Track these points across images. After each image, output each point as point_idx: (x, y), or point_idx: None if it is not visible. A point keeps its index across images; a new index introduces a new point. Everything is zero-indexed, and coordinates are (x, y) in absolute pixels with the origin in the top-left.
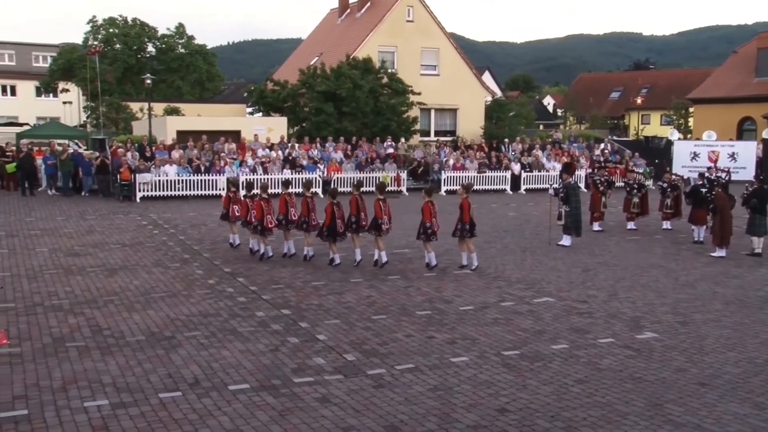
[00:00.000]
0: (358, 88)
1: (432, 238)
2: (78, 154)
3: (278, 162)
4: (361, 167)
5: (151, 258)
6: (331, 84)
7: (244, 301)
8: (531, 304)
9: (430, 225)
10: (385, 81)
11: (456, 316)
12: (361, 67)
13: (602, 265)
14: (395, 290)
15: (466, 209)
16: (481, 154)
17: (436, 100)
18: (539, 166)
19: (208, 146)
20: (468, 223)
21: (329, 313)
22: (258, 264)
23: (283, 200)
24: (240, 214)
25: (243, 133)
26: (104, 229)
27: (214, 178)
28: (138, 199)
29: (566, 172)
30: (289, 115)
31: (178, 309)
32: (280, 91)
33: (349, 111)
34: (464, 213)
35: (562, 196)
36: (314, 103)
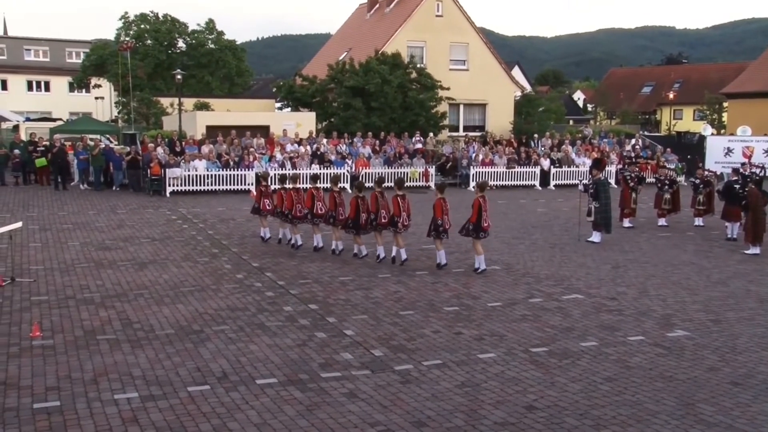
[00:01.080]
0: (386, 83)
1: (443, 236)
2: (109, 149)
3: (306, 157)
4: (389, 162)
5: (180, 252)
6: (359, 79)
7: (272, 296)
8: (560, 301)
9: (442, 222)
10: (414, 76)
11: (484, 313)
12: (389, 62)
13: (632, 262)
14: (423, 286)
15: (475, 209)
16: (510, 150)
17: (465, 95)
18: (569, 161)
19: (237, 141)
20: (474, 223)
21: (357, 309)
22: (286, 259)
23: (310, 194)
24: (271, 207)
25: (272, 128)
26: (134, 223)
27: (243, 173)
28: (168, 194)
29: (596, 167)
30: (318, 110)
31: (206, 303)
32: (309, 87)
33: (378, 106)
34: (473, 213)
35: (592, 192)
36: (343, 98)
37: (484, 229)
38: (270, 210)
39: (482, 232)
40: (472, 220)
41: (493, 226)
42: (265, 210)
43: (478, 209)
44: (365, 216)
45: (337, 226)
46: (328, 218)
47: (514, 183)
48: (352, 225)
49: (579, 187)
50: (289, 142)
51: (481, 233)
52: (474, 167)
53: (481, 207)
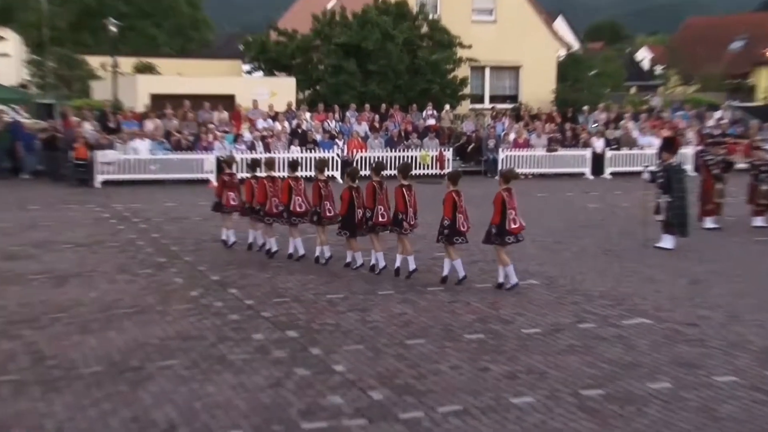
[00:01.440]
0: (389, 39)
1: (457, 241)
2: (17, 124)
3: (284, 137)
4: (392, 144)
5: (115, 262)
6: (353, 34)
7: (237, 320)
8: (619, 327)
9: (452, 223)
10: (425, 31)
11: (517, 342)
12: (393, 12)
13: (717, 275)
14: (437, 306)
15: (497, 207)
16: (552, 127)
17: (492, 56)
18: (630, 141)
19: (192, 115)
20: (497, 225)
21: (349, 336)
22: (256, 270)
23: (287, 186)
24: (237, 203)
25: (238, 99)
26: (52, 223)
27: (199, 158)
28: (98, 184)
29: (667, 150)
30: (299, 75)
31: (149, 330)
32: (287, 44)
33: (378, 70)
34: (494, 212)
35: (662, 182)
36: (332, 59)
37: (512, 232)
38: (236, 206)
39: (509, 236)
40: (494, 221)
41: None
42: (230, 206)
43: (501, 207)
44: (361, 213)
45: (323, 227)
46: (311, 217)
47: (556, 170)
48: (344, 225)
49: (644, 176)
50: (260, 117)
51: (508, 237)
52: (503, 150)
53: (505, 204)
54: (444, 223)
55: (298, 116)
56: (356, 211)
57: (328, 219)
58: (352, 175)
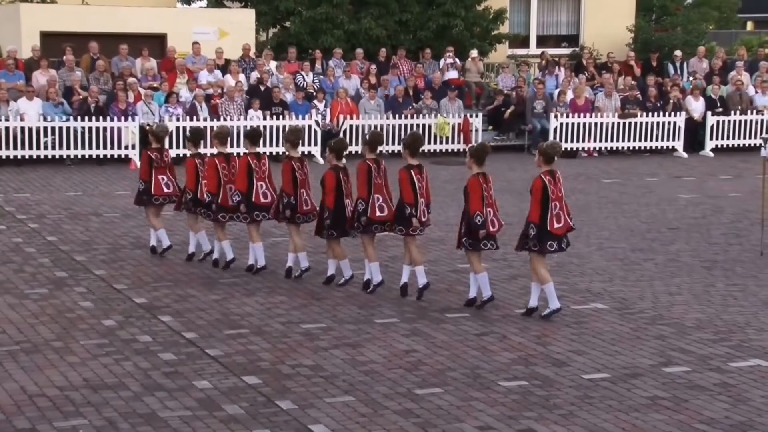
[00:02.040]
0: None
1: (485, 246)
2: None
3: (238, 96)
4: (396, 107)
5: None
6: None
7: (172, 360)
8: (725, 372)
9: (483, 219)
10: None
11: (576, 393)
12: None
13: None
14: (460, 340)
15: (535, 198)
16: (629, 81)
17: None
18: (743, 102)
19: (104, 64)
20: (536, 224)
21: (334, 384)
22: (200, 289)
23: (243, 167)
24: (172, 189)
25: (171, 41)
26: None
27: (114, 126)
28: None
29: None
30: (261, 5)
31: (43, 376)
32: None
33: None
34: (531, 205)
35: None
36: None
37: (556, 233)
38: (170, 195)
39: (552, 242)
40: (531, 217)
41: (590, 229)
42: (161, 194)
43: (540, 198)
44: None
45: (297, 225)
46: (280, 211)
47: (634, 144)
48: (334, 223)
49: (763, 153)
50: (205, 68)
51: (550, 243)
52: (557, 115)
53: (546, 193)
54: (474, 220)
55: (258, 67)
56: (344, 201)
57: (304, 214)
58: (337, 152)
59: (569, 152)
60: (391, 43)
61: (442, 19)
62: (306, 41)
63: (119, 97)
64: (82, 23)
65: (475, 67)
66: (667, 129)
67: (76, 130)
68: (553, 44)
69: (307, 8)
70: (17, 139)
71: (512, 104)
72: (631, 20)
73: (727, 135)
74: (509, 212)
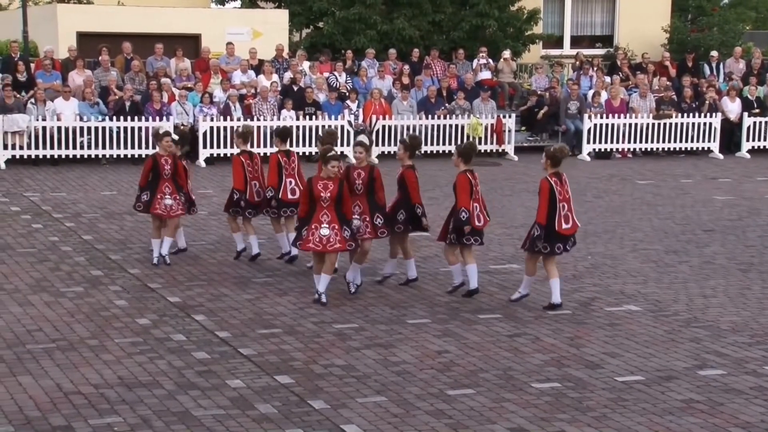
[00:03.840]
0: None
1: (468, 241)
2: None
3: (272, 96)
4: (429, 107)
5: (29, 276)
6: None
7: (205, 359)
8: (761, 376)
9: (468, 214)
10: None
11: (609, 395)
12: None
13: None
14: (492, 341)
15: (543, 199)
16: (664, 82)
17: None
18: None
19: (139, 64)
20: (543, 225)
21: (367, 384)
22: (232, 289)
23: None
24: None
25: (205, 41)
26: None
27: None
28: (3, 164)
29: None
30: (294, 6)
31: (78, 373)
32: None
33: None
34: (540, 206)
35: None
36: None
37: (564, 234)
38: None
39: (560, 243)
40: (539, 218)
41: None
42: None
43: (548, 199)
44: None
45: None
46: None
47: (669, 146)
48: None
49: None
50: (238, 68)
51: (558, 245)
52: (591, 116)
53: (553, 194)
54: (459, 215)
55: (292, 67)
56: None
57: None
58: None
59: (603, 153)
60: (424, 43)
61: (475, 19)
62: (339, 42)
63: (154, 97)
64: (118, 24)
65: (508, 67)
66: (703, 130)
67: (112, 129)
68: (587, 45)
69: (340, 9)
70: (54, 138)
71: (546, 105)
72: (666, 21)
73: (763, 136)
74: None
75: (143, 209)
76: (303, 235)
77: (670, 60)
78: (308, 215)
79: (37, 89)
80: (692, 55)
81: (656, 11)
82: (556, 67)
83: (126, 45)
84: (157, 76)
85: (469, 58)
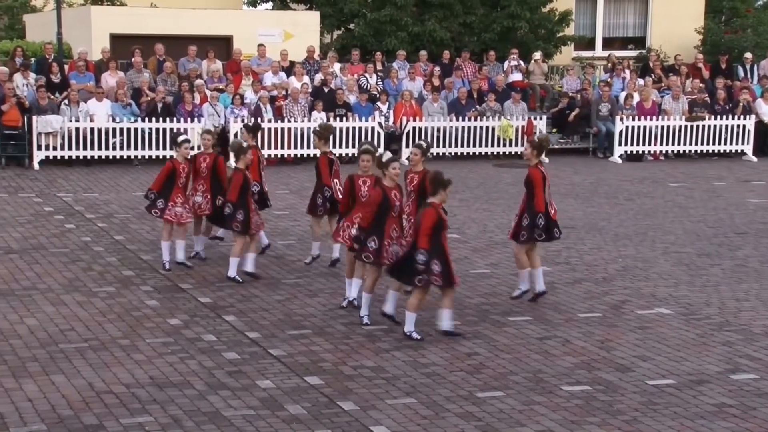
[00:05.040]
0: None
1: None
2: None
3: (303, 97)
4: (459, 109)
5: (61, 276)
6: None
7: (235, 360)
8: None
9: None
10: None
11: (640, 398)
12: None
13: None
14: (521, 343)
15: (538, 188)
16: (697, 84)
17: None
18: None
19: (171, 66)
20: (543, 213)
21: (396, 386)
22: (264, 289)
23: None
24: None
25: (237, 42)
26: None
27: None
28: (37, 164)
29: None
30: (325, 7)
31: (110, 373)
32: None
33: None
34: (537, 196)
35: None
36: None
37: (554, 219)
38: None
39: (555, 228)
40: (538, 208)
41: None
42: None
43: (543, 188)
44: None
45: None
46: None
47: (702, 148)
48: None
49: None
50: (270, 69)
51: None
52: (623, 118)
53: (545, 182)
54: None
55: (323, 69)
56: None
57: None
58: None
59: (635, 155)
60: (455, 45)
61: (506, 21)
62: (370, 43)
63: (185, 99)
64: (151, 25)
65: (540, 69)
66: (736, 132)
67: (144, 130)
68: (619, 46)
69: (371, 10)
70: (87, 139)
71: (577, 107)
72: (699, 22)
73: None
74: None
75: (159, 215)
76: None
77: (703, 62)
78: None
79: (71, 90)
80: (726, 56)
81: (689, 12)
82: (587, 68)
83: (158, 47)
84: (190, 77)
85: (500, 59)
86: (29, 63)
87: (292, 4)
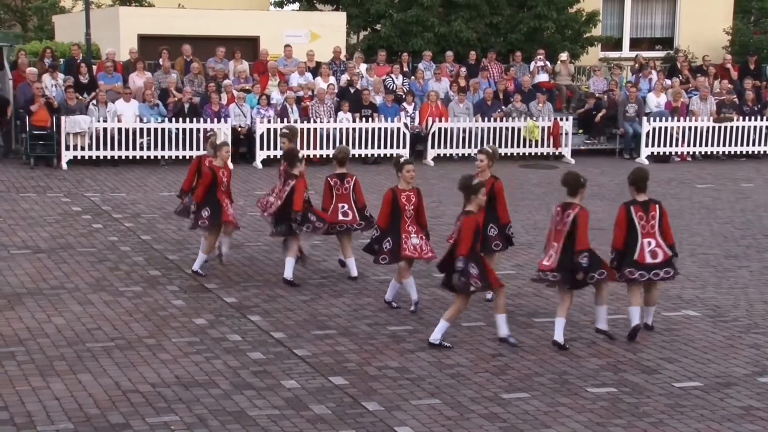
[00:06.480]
0: None
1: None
2: None
3: (329, 98)
4: (485, 110)
5: (89, 275)
6: None
7: (260, 360)
8: None
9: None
10: None
11: (666, 401)
12: None
13: None
14: (547, 345)
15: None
16: (725, 85)
17: None
18: None
19: (198, 67)
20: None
21: (420, 386)
22: (288, 290)
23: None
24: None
25: (263, 43)
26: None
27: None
28: (65, 164)
29: None
30: (352, 8)
31: (136, 372)
32: None
33: (465, 1)
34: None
35: None
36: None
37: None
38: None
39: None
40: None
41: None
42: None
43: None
44: None
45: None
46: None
47: (730, 149)
48: None
49: None
50: (296, 70)
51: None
52: (650, 119)
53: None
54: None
55: (349, 69)
56: None
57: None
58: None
59: (662, 156)
60: (482, 45)
61: (533, 21)
62: (396, 44)
63: (212, 99)
64: (178, 26)
65: (566, 69)
66: (765, 133)
67: (171, 131)
68: (646, 47)
69: (397, 11)
70: (114, 139)
71: (604, 107)
72: (728, 23)
73: None
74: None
75: (208, 224)
76: (384, 248)
77: (731, 62)
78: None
79: (99, 91)
80: (755, 57)
81: (718, 13)
82: (614, 69)
83: (186, 47)
84: (216, 78)
85: (527, 60)
86: (58, 64)
87: (318, 5)
